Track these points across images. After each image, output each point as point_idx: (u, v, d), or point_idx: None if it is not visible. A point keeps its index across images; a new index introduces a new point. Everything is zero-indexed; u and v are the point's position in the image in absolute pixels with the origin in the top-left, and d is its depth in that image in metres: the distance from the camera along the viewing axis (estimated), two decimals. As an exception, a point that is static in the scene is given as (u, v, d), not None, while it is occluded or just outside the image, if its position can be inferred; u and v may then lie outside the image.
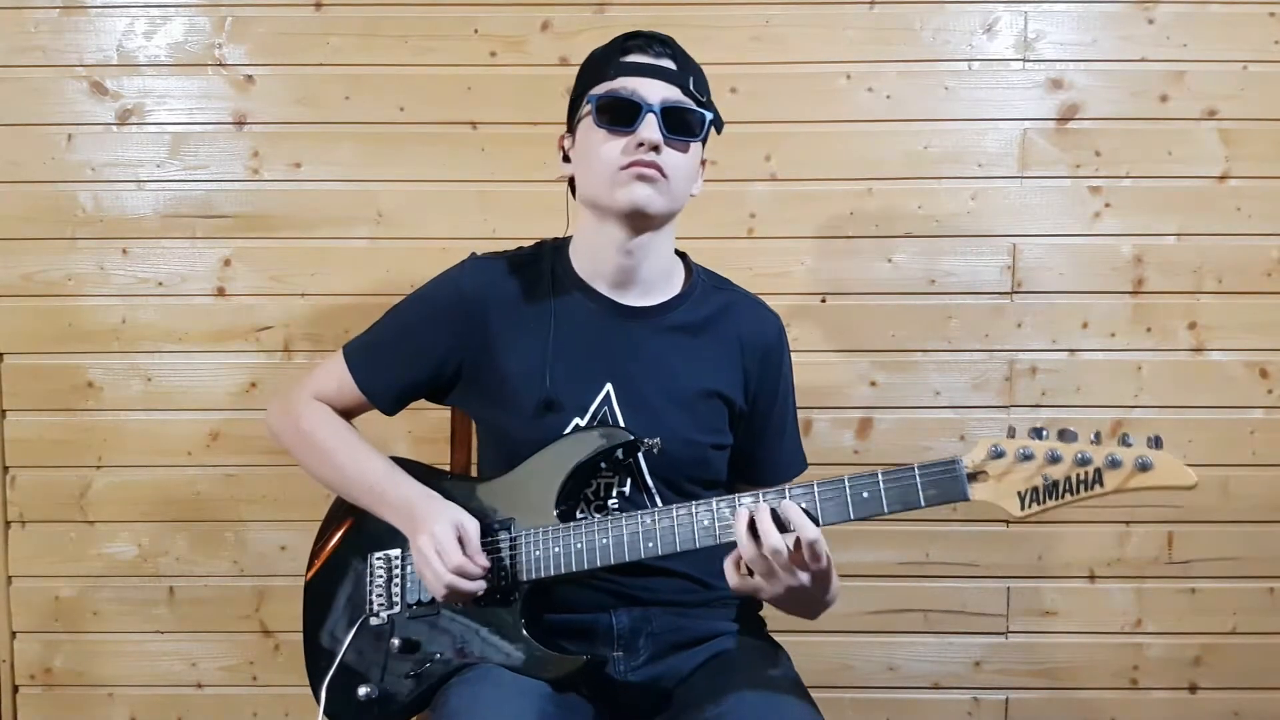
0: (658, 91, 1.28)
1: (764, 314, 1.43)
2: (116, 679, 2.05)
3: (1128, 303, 1.97)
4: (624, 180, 1.27)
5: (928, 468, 1.14)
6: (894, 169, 1.95)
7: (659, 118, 1.27)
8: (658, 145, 1.26)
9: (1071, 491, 1.09)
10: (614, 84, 1.29)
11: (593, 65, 1.35)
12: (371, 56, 1.93)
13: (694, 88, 1.31)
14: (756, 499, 1.18)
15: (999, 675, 2.04)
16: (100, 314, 1.98)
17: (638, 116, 1.27)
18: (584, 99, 1.33)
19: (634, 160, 1.26)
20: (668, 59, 1.31)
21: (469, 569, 1.25)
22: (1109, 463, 1.07)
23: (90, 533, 2.02)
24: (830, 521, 1.16)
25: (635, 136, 1.26)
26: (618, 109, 1.28)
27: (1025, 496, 1.11)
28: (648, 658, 1.33)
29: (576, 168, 1.35)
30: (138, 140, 1.96)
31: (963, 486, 1.12)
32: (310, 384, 1.44)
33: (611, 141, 1.28)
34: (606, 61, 1.32)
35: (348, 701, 1.33)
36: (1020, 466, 1.11)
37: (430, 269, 1.42)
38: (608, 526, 1.25)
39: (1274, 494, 2.00)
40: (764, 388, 1.40)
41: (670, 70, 1.30)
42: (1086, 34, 1.93)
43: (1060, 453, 1.09)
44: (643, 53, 1.31)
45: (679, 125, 1.29)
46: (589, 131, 1.30)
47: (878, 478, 1.15)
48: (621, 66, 1.30)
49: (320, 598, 1.42)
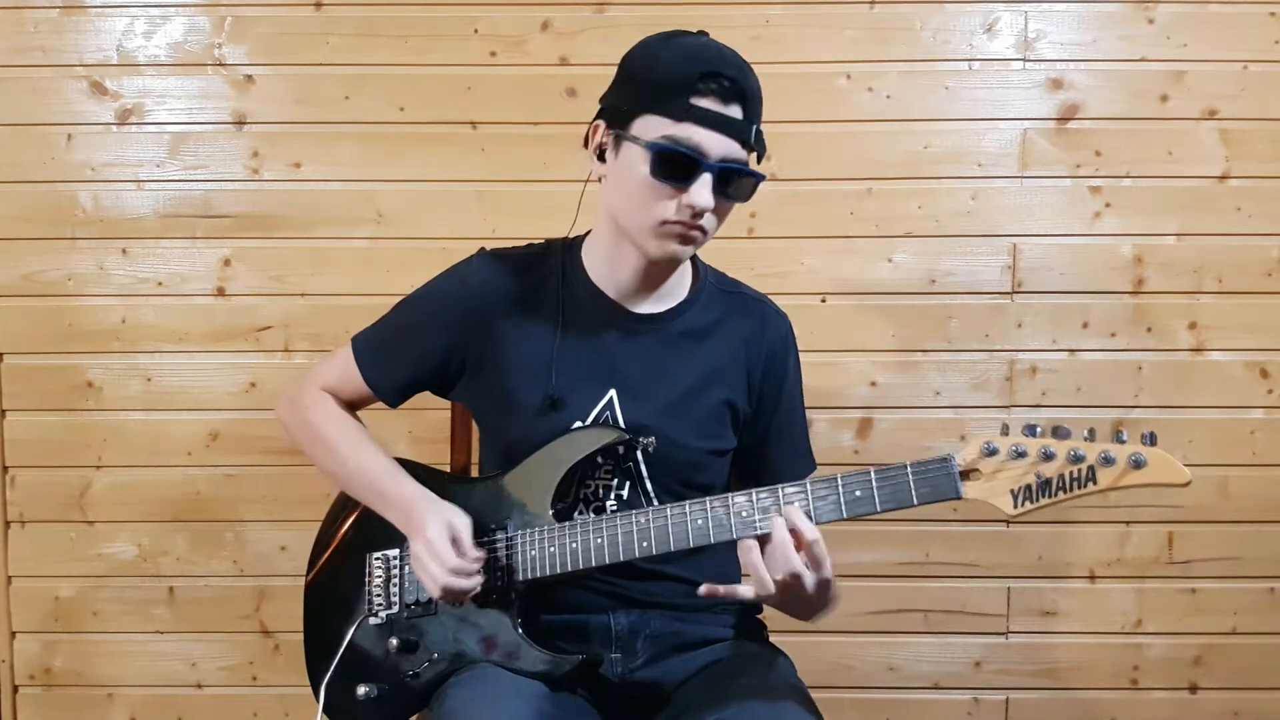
0: (720, 147, 1.20)
1: (771, 315, 1.42)
2: (116, 679, 2.05)
3: (1128, 303, 1.97)
4: (664, 234, 1.24)
5: (920, 465, 1.13)
6: (894, 169, 1.95)
7: (714, 176, 1.21)
8: (707, 210, 1.22)
9: (1065, 489, 1.09)
10: (677, 130, 1.20)
11: (659, 83, 1.22)
12: (371, 56, 1.93)
13: (755, 139, 1.24)
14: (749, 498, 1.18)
15: (999, 675, 2.04)
16: (100, 314, 1.98)
17: (694, 173, 1.20)
18: (638, 114, 1.22)
19: (679, 220, 1.23)
20: (736, 104, 1.21)
21: (464, 569, 1.25)
22: (1103, 460, 1.06)
23: (90, 533, 2.02)
24: (824, 521, 1.16)
25: (687, 197, 1.21)
26: (676, 163, 1.20)
27: (1018, 494, 1.10)
28: (646, 660, 1.33)
29: (611, 183, 1.28)
30: (137, 140, 1.96)
31: (955, 484, 1.12)
32: (319, 375, 1.45)
33: (660, 192, 1.22)
34: (676, 92, 1.20)
35: (347, 700, 1.33)
36: (1013, 464, 1.10)
37: (430, 269, 1.42)
38: (602, 526, 1.25)
39: (1274, 494, 2.00)
40: (769, 389, 1.40)
41: (736, 122, 1.21)
42: (1086, 34, 1.93)
43: (1054, 450, 1.08)
44: (715, 97, 1.20)
45: (731, 188, 1.23)
46: (638, 164, 1.22)
47: (870, 476, 1.15)
48: (690, 110, 1.20)
49: (320, 597, 1.43)
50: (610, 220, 1.32)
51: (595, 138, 1.29)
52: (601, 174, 1.30)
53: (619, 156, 1.26)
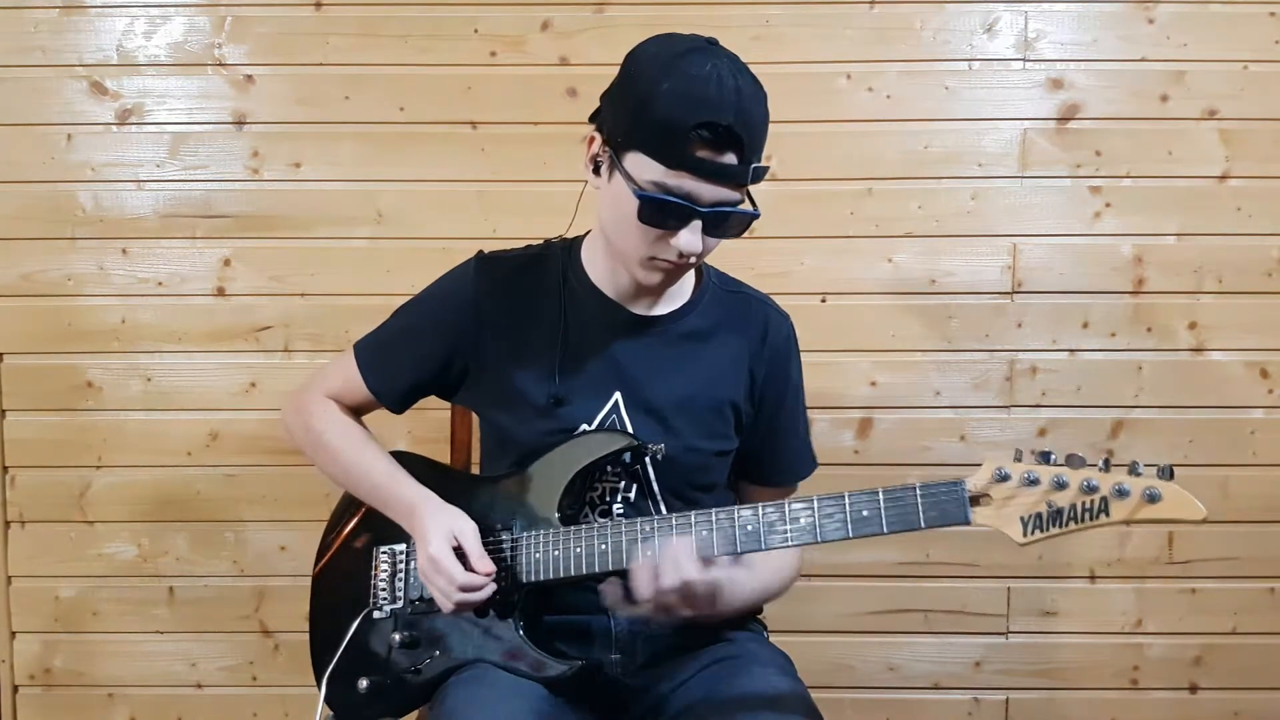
0: (711, 195, 1.18)
1: (773, 315, 1.42)
2: (116, 679, 2.05)
3: (1128, 303, 1.97)
4: (651, 267, 1.24)
5: (929, 489, 1.12)
6: (894, 169, 1.95)
7: (704, 220, 1.19)
8: (695, 254, 1.21)
9: (1077, 520, 1.06)
10: (669, 179, 1.16)
11: (656, 124, 1.16)
12: (371, 56, 1.93)
13: (750, 179, 1.20)
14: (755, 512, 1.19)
15: (999, 675, 2.04)
16: (100, 314, 1.98)
17: (685, 220, 1.19)
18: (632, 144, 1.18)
19: (667, 259, 1.23)
20: (733, 151, 1.17)
21: (472, 584, 1.24)
22: (1116, 492, 1.04)
23: (90, 533, 2.02)
24: (830, 539, 1.15)
25: (676, 241, 1.19)
26: (666, 212, 1.18)
27: (1028, 522, 1.08)
28: (645, 661, 1.33)
29: (604, 204, 1.26)
30: (138, 140, 1.96)
31: (965, 510, 1.10)
32: (322, 382, 1.45)
33: (649, 234, 1.21)
34: (672, 139, 1.16)
35: (349, 693, 1.33)
36: (1025, 491, 1.08)
37: (430, 269, 1.42)
38: (607, 532, 1.24)
39: (1274, 494, 2.00)
40: (771, 389, 1.40)
41: (732, 168, 1.18)
42: (1086, 34, 1.93)
43: (1067, 479, 1.06)
44: (711, 148, 1.16)
45: (721, 229, 1.23)
46: (628, 203, 1.19)
47: (878, 496, 1.14)
48: (684, 160, 1.16)
49: (326, 590, 1.43)
50: (604, 236, 1.31)
51: (590, 149, 1.26)
52: (596, 186, 1.28)
53: (611, 182, 1.23)
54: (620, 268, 1.31)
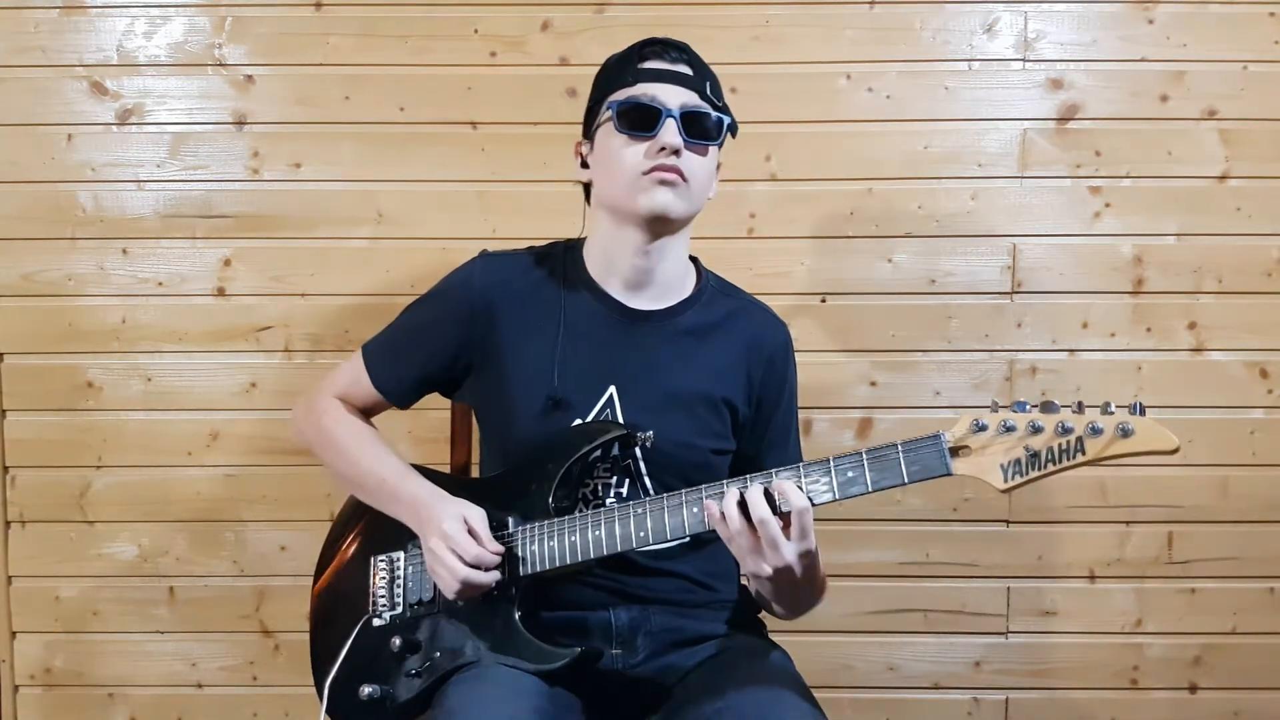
0: (676, 97, 1.30)
1: (771, 322, 1.45)
2: (116, 679, 2.05)
3: (1128, 303, 1.97)
4: (646, 185, 1.29)
5: (910, 444, 1.14)
6: (894, 169, 1.95)
7: (679, 122, 1.29)
8: (679, 149, 1.28)
9: (1054, 461, 1.09)
10: (633, 90, 1.31)
11: (610, 72, 1.36)
12: (371, 56, 1.93)
13: (710, 92, 1.33)
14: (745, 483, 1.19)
15: (999, 675, 2.04)
16: (100, 314, 1.98)
17: (658, 122, 1.29)
18: (603, 105, 1.34)
19: (656, 165, 1.28)
20: (684, 64, 1.33)
21: (485, 559, 1.26)
22: (1090, 431, 1.07)
23: (90, 533, 2.02)
24: (819, 504, 1.17)
25: (656, 141, 1.28)
26: (638, 115, 1.30)
27: (1008, 468, 1.11)
28: (646, 655, 1.34)
29: (595, 173, 1.37)
30: (138, 140, 1.96)
31: (945, 460, 1.13)
32: (331, 383, 1.48)
33: (633, 147, 1.30)
34: (624, 68, 1.34)
35: (350, 700, 1.34)
36: (1002, 439, 1.11)
37: (430, 269, 1.43)
38: (600, 519, 1.26)
39: (1274, 494, 2.00)
40: (769, 395, 1.42)
41: (687, 76, 1.32)
42: (1086, 34, 1.93)
43: (1042, 423, 1.09)
44: (660, 59, 1.33)
45: (698, 129, 1.31)
46: (609, 137, 1.32)
47: (861, 456, 1.16)
48: (640, 73, 1.32)
49: (326, 599, 1.44)
50: (603, 214, 1.36)
51: (579, 154, 1.40)
52: (588, 179, 1.37)
53: (595, 148, 1.36)
54: (621, 246, 1.34)
